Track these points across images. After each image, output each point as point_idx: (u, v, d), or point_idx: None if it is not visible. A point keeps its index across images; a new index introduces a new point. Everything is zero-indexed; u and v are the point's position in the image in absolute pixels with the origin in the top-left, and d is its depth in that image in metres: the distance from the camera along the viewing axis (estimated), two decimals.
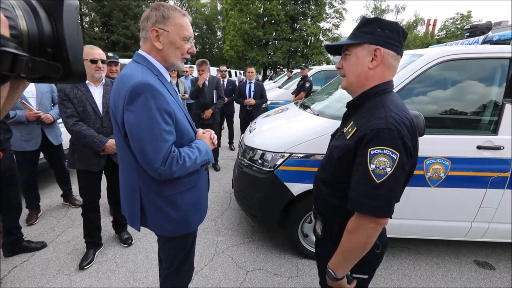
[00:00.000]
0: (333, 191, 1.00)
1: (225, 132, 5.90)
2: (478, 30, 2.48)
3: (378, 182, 0.80)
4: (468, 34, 2.56)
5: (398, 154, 0.79)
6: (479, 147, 1.91)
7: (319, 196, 1.08)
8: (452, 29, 32.15)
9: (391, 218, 1.02)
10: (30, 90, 2.63)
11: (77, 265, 2.16)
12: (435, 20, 37.71)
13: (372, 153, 0.80)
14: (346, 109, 1.07)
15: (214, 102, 4.05)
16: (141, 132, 0.98)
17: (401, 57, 0.94)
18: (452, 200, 2.01)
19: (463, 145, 1.93)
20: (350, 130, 0.92)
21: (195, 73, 7.60)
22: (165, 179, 1.05)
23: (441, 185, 1.97)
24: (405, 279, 2.13)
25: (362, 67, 0.92)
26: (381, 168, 0.79)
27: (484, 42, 2.25)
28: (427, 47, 2.88)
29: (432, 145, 1.93)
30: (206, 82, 3.94)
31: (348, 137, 0.90)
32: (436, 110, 2.05)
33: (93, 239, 2.26)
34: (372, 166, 0.80)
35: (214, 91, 4.03)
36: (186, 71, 6.03)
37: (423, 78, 1.96)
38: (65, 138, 2.76)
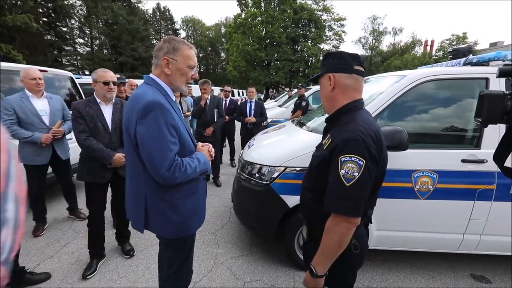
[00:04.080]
0: (316, 197, 1.11)
1: (226, 149, 6.06)
2: (460, 53, 2.67)
3: (347, 185, 0.93)
4: (451, 56, 2.76)
5: (364, 161, 0.92)
6: (463, 161, 2.02)
7: (304, 203, 1.21)
8: (449, 50, 33.03)
9: (371, 222, 1.13)
10: (44, 109, 2.81)
11: (81, 274, 2.23)
12: (432, 41, 38.83)
13: (342, 160, 0.94)
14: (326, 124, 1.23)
15: (215, 120, 4.23)
16: (150, 142, 1.14)
17: (357, 74, 1.08)
18: (442, 212, 2.09)
19: (449, 158, 2.04)
20: (327, 141, 1.07)
21: (195, 92, 8.00)
22: (169, 184, 1.19)
23: (430, 197, 2.05)
24: None
25: (326, 92, 1.14)
26: (349, 173, 0.93)
27: (465, 64, 2.43)
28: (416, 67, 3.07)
29: (419, 159, 2.04)
30: (208, 101, 4.14)
31: (324, 148, 1.06)
32: (422, 126, 2.18)
33: (96, 249, 2.35)
34: (342, 171, 0.94)
35: (215, 110, 4.22)
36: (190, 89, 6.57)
37: (407, 96, 2.12)
38: (74, 153, 2.93)
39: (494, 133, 2.00)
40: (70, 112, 2.24)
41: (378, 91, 2.29)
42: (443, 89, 2.19)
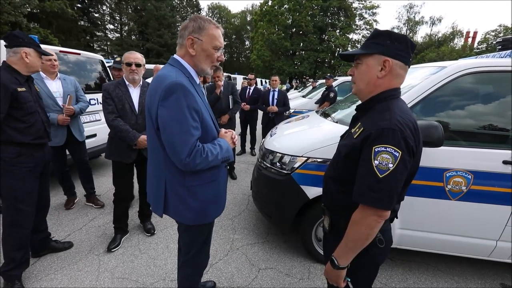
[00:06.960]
0: (340, 188, 1.06)
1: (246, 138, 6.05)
2: (510, 43, 2.41)
3: (381, 176, 0.86)
4: (500, 47, 2.49)
5: (400, 152, 0.85)
6: (505, 162, 1.84)
7: (328, 193, 1.16)
8: (498, 40, 30.20)
9: (397, 217, 1.07)
10: (58, 91, 2.78)
11: (106, 247, 2.38)
12: (475, 33, 35.55)
13: (376, 150, 0.87)
14: (355, 112, 1.15)
15: (230, 107, 4.10)
16: (171, 126, 1.10)
17: (409, 67, 1.00)
18: (475, 216, 1.94)
19: (488, 159, 1.87)
20: (357, 130, 0.99)
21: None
22: (189, 169, 1.15)
23: (462, 199, 1.91)
24: None
25: (371, 76, 1.00)
26: (384, 164, 0.86)
27: None
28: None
29: (453, 158, 1.90)
30: (222, 89, 3.97)
31: (355, 136, 0.98)
32: (459, 122, 2.01)
33: (120, 225, 2.48)
34: (376, 162, 0.87)
35: (230, 97, 4.07)
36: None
37: (446, 89, 1.95)
38: (104, 133, 3.06)
39: None
40: (102, 94, 2.27)
41: (411, 83, 2.13)
42: (488, 83, 1.99)
